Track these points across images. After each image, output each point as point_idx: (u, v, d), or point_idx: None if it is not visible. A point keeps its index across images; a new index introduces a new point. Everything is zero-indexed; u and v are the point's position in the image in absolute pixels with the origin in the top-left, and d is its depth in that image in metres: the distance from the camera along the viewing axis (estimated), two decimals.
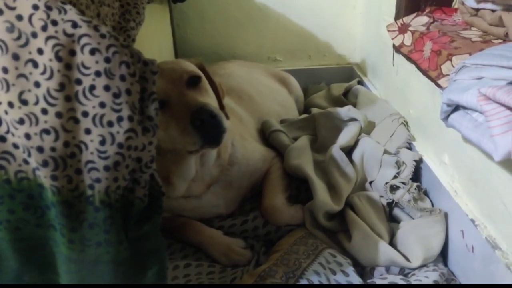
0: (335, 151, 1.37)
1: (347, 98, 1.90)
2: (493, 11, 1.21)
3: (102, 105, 0.64)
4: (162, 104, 1.04)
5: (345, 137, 1.45)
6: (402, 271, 1.12)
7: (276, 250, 1.16)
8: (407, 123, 1.51)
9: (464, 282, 1.10)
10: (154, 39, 1.68)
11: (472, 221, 1.07)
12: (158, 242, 0.76)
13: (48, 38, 0.60)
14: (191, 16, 2.08)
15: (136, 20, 1.02)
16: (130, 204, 0.70)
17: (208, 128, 1.03)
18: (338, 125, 1.52)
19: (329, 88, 2.01)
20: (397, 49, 1.53)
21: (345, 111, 1.53)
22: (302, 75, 2.08)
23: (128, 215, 0.71)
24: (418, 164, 1.35)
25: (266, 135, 1.50)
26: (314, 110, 1.74)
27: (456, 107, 1.00)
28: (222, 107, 1.23)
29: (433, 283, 1.05)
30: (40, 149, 0.62)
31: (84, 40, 0.62)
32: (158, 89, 1.03)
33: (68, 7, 0.63)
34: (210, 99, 1.14)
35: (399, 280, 1.07)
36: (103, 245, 0.69)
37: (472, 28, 1.32)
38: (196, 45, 2.13)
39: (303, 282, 1.03)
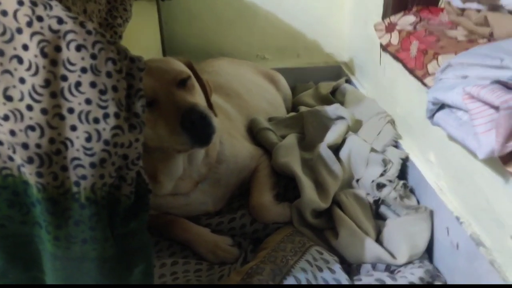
0: (323, 149, 1.38)
1: (335, 96, 1.91)
2: (478, 11, 1.23)
3: (88, 101, 0.63)
4: (150, 103, 1.04)
5: (333, 135, 1.46)
6: (388, 268, 1.13)
7: (263, 248, 1.16)
8: (394, 121, 1.52)
9: (449, 278, 1.11)
10: (141, 36, 1.67)
11: (457, 218, 1.08)
12: (144, 239, 0.76)
13: (33, 34, 0.60)
14: (179, 13, 2.07)
15: (123, 17, 1.01)
16: (116, 201, 0.70)
17: (198, 129, 1.03)
18: (325, 123, 1.53)
19: (317, 87, 2.01)
20: (384, 48, 1.54)
21: (332, 110, 1.54)
22: (290, 74, 2.08)
23: (114, 212, 0.71)
24: (405, 162, 1.36)
25: (254, 133, 1.50)
26: (302, 109, 1.74)
27: (442, 106, 1.01)
28: (210, 104, 1.23)
29: (419, 280, 1.06)
30: (25, 146, 0.62)
31: (70, 37, 0.61)
32: (146, 87, 1.03)
33: (53, 3, 0.62)
34: (198, 98, 1.14)
35: (385, 277, 1.07)
36: (88, 242, 0.68)
37: (458, 27, 1.33)
38: (184, 43, 2.12)
39: (290, 279, 1.03)
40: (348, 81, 2.03)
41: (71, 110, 0.63)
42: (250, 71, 1.82)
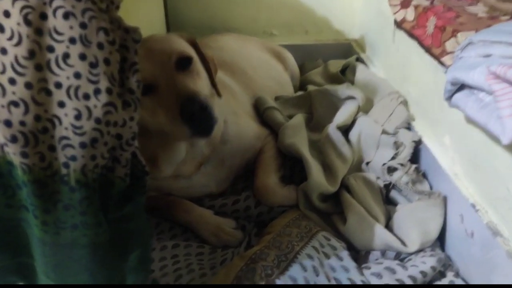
0: (332, 130, 1.32)
1: (345, 75, 1.84)
2: None
3: (77, 75, 0.58)
4: (149, 88, 0.99)
5: (342, 115, 1.40)
6: (398, 256, 1.08)
7: (268, 232, 1.12)
8: (406, 102, 1.45)
9: (461, 268, 1.06)
10: (143, 10, 1.61)
11: (473, 205, 1.03)
12: (141, 224, 0.71)
13: None
14: None
15: None
16: (109, 184, 0.65)
17: (198, 120, 0.98)
18: (335, 103, 1.47)
19: (326, 65, 1.94)
20: (399, 24, 1.47)
21: (342, 89, 1.47)
22: (298, 51, 2.01)
23: (108, 196, 0.66)
24: (417, 145, 1.30)
25: (260, 112, 1.44)
26: (310, 87, 1.68)
27: (461, 86, 0.95)
28: (214, 84, 1.17)
29: (431, 269, 1.01)
30: (7, 123, 0.56)
31: (56, 3, 0.55)
32: (146, 71, 0.98)
33: None
34: (201, 83, 1.08)
35: (395, 265, 1.03)
36: (79, 227, 0.64)
37: (479, 3, 1.25)
38: (188, 17, 2.04)
39: (296, 265, 0.99)
40: (359, 59, 1.95)
41: (58, 85, 0.57)
42: (257, 48, 1.75)
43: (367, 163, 1.31)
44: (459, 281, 1.03)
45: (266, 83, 1.59)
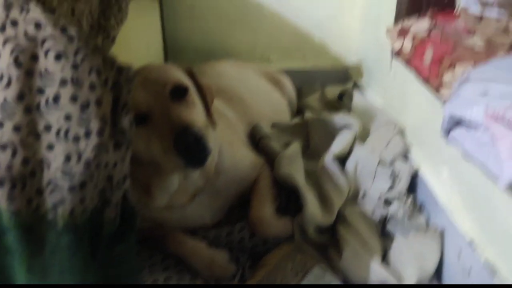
0: (328, 160, 1.31)
1: (342, 101, 1.83)
2: (498, 19, 1.15)
3: (68, 117, 0.56)
4: (144, 117, 0.98)
5: (339, 145, 1.39)
6: None
7: (262, 265, 1.10)
8: (403, 132, 1.44)
9: None
10: (142, 35, 1.60)
11: (470, 242, 1.01)
12: (131, 266, 0.69)
13: (6, 40, 0.53)
14: (182, 11, 2.00)
15: (117, 18, 0.94)
16: (99, 226, 0.63)
17: (192, 151, 0.97)
18: (331, 131, 1.46)
19: (324, 91, 1.94)
20: (396, 54, 1.46)
21: (339, 118, 1.47)
22: (296, 76, 2.01)
23: (97, 238, 0.64)
24: (414, 177, 1.29)
25: (256, 141, 1.43)
26: (308, 114, 1.67)
27: (459, 122, 0.94)
28: (209, 114, 1.16)
29: None
30: None
31: (48, 44, 0.55)
32: (141, 101, 0.97)
33: (32, 4, 0.55)
34: (196, 113, 1.07)
35: None
36: (66, 272, 0.61)
37: (476, 35, 1.25)
38: (186, 42, 2.04)
39: None
40: (356, 85, 1.95)
41: (48, 127, 0.56)
42: (254, 75, 1.75)
43: (364, 195, 1.30)
44: None
45: (263, 110, 1.58)
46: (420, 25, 1.37)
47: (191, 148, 0.96)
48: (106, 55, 0.60)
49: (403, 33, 1.41)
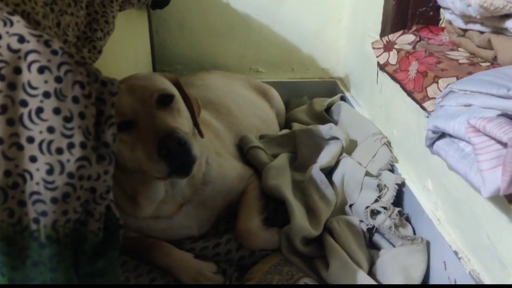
0: (315, 172, 1.31)
1: (330, 113, 1.85)
2: (481, 32, 1.17)
3: (51, 130, 0.56)
4: (130, 124, 0.98)
5: (326, 157, 1.40)
6: None
7: (249, 278, 1.10)
8: (390, 143, 1.45)
9: None
10: (130, 46, 1.61)
11: (455, 252, 1.01)
12: (114, 279, 0.69)
13: None
14: (171, 23, 2.01)
15: (104, 30, 0.94)
16: (82, 238, 0.63)
17: (176, 157, 0.95)
18: (319, 143, 1.46)
19: (311, 103, 1.95)
20: (382, 67, 1.48)
21: (326, 129, 1.48)
22: (284, 88, 2.02)
23: (80, 251, 0.63)
24: (401, 188, 1.30)
25: (244, 152, 1.43)
26: (296, 125, 1.68)
27: (442, 134, 0.95)
28: (197, 124, 1.16)
29: None
30: None
31: (31, 57, 0.55)
32: (126, 106, 0.97)
33: (15, 18, 0.56)
34: (182, 121, 1.07)
35: None
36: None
37: (460, 48, 1.27)
38: (175, 54, 2.05)
39: None
40: (343, 97, 1.97)
41: (30, 139, 0.56)
42: (243, 86, 1.75)
43: (351, 206, 1.30)
44: None
45: (251, 122, 1.59)
46: (405, 38, 1.40)
47: (175, 154, 0.95)
48: (90, 68, 0.60)
49: (388, 46, 1.43)
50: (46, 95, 0.56)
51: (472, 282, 0.94)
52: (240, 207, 1.27)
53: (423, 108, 1.15)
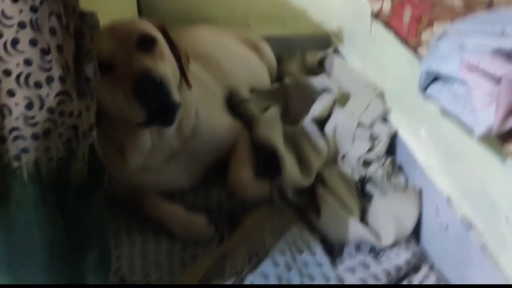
0: (307, 123, 1.30)
1: (322, 67, 1.82)
2: None
3: (28, 62, 0.54)
4: (108, 66, 0.95)
5: (318, 108, 1.38)
6: (373, 249, 1.07)
7: (240, 227, 1.09)
8: (383, 95, 1.44)
9: (437, 261, 1.05)
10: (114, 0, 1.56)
11: (447, 199, 1.02)
12: (100, 220, 0.68)
13: None
14: None
15: None
16: (65, 178, 0.61)
17: (152, 99, 0.93)
18: (310, 95, 1.45)
19: (304, 56, 1.92)
20: (376, 15, 1.45)
21: (318, 81, 1.46)
22: (275, 43, 1.97)
23: (64, 191, 0.62)
24: (393, 138, 1.29)
25: (234, 105, 1.41)
26: (287, 80, 1.65)
27: (436, 78, 0.93)
28: (185, 74, 1.13)
29: (405, 263, 1.00)
30: None
31: None
32: (104, 49, 0.94)
33: None
34: (164, 66, 1.03)
35: (369, 259, 1.02)
36: (33, 224, 0.60)
37: None
38: (162, 7, 1.99)
39: (268, 261, 0.97)
40: (337, 51, 1.93)
41: (7, 72, 0.54)
42: (233, 39, 1.71)
43: (343, 156, 1.30)
44: (434, 275, 1.02)
45: (242, 75, 1.56)
46: None
47: (151, 94, 0.93)
48: (67, 0, 0.57)
49: None
50: (22, 25, 0.53)
51: (464, 227, 0.94)
52: (231, 159, 1.26)
53: (417, 54, 1.12)
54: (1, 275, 0.64)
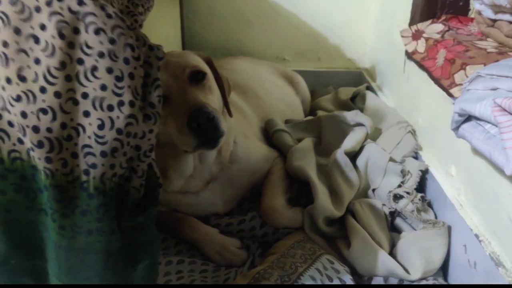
0: (340, 155, 1.34)
1: (355, 103, 1.87)
2: (510, 22, 1.18)
3: (103, 87, 0.61)
4: (163, 98, 1.02)
5: (350, 141, 1.42)
6: (401, 283, 1.09)
7: (272, 253, 1.13)
8: (414, 131, 1.47)
9: None
10: (161, 29, 1.66)
11: (476, 236, 1.04)
12: (151, 235, 0.73)
13: (52, 13, 0.58)
14: (201, 8, 2.05)
15: (144, 6, 0.98)
16: (125, 193, 0.68)
17: (204, 131, 1.00)
18: (343, 129, 1.49)
19: (337, 92, 1.97)
20: (410, 55, 1.50)
21: (351, 115, 1.50)
22: (310, 77, 2.05)
23: (123, 205, 0.68)
24: (424, 174, 1.32)
25: (269, 134, 1.47)
26: (320, 113, 1.71)
27: (468, 118, 0.97)
28: (227, 104, 1.20)
29: None
30: (35, 129, 0.59)
31: (89, 19, 0.59)
32: (160, 82, 1.02)
33: None
34: (213, 98, 1.11)
35: None
36: (94, 233, 0.66)
37: (488, 39, 1.29)
38: (204, 39, 2.10)
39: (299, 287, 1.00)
40: (369, 88, 1.99)
41: (85, 95, 0.61)
42: (269, 72, 1.79)
43: (374, 190, 1.33)
44: None
45: (277, 106, 1.62)
46: (434, 28, 1.41)
47: (204, 128, 1.00)
48: (139, 33, 0.64)
49: (417, 35, 1.45)
50: (101, 55, 0.60)
51: (492, 264, 0.96)
52: (265, 186, 1.31)
53: (450, 95, 1.17)
54: (59, 278, 0.70)
